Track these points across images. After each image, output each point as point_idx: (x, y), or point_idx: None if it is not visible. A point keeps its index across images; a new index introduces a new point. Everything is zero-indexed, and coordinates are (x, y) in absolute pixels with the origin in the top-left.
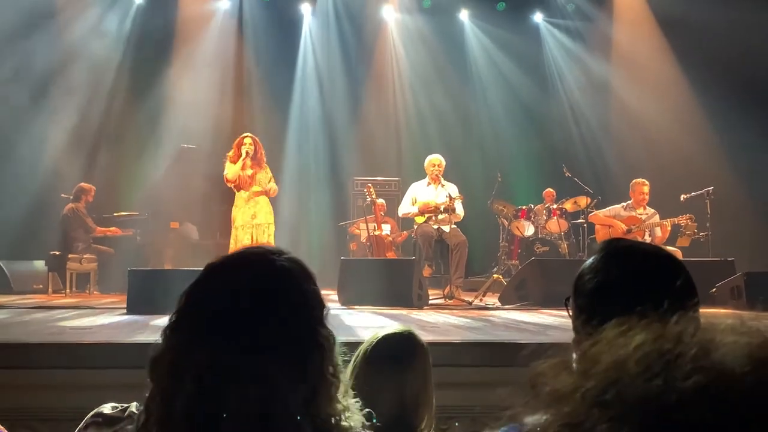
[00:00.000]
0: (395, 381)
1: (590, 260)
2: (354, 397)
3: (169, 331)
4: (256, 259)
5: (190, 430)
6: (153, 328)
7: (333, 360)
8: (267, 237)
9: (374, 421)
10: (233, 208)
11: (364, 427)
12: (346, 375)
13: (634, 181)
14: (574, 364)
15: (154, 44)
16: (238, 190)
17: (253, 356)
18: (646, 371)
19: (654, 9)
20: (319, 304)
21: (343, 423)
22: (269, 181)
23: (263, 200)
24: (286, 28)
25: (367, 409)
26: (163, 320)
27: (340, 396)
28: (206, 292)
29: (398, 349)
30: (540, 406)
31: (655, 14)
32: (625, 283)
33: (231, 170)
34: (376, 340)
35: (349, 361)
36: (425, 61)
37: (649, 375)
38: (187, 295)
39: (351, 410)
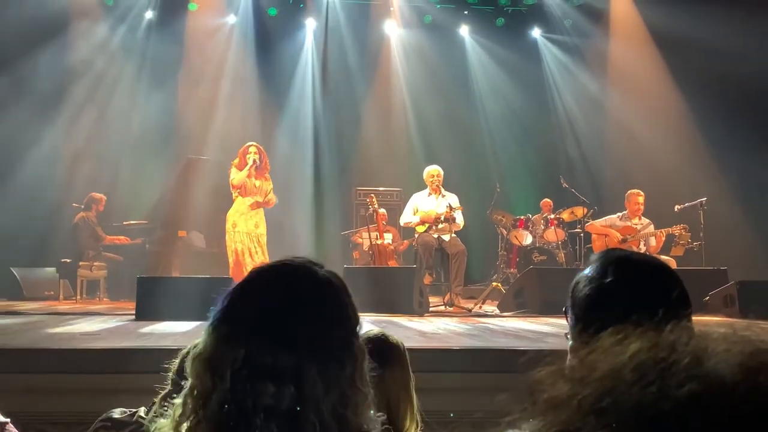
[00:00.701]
0: (378, 382)
1: (586, 270)
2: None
3: (212, 329)
4: (301, 268)
5: (222, 424)
6: (161, 334)
7: (363, 371)
8: (261, 246)
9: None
10: (233, 212)
11: None
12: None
13: (629, 191)
14: (570, 372)
15: (163, 57)
16: (243, 196)
17: (291, 357)
18: (641, 379)
19: (648, 24)
20: (355, 316)
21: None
22: (268, 193)
23: (261, 212)
24: (291, 42)
25: (382, 415)
26: (170, 325)
27: (366, 408)
28: (250, 295)
29: (377, 351)
30: (537, 412)
31: (649, 30)
32: (620, 292)
33: (238, 176)
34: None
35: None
36: (426, 74)
37: (643, 383)
38: (231, 296)
39: (375, 424)
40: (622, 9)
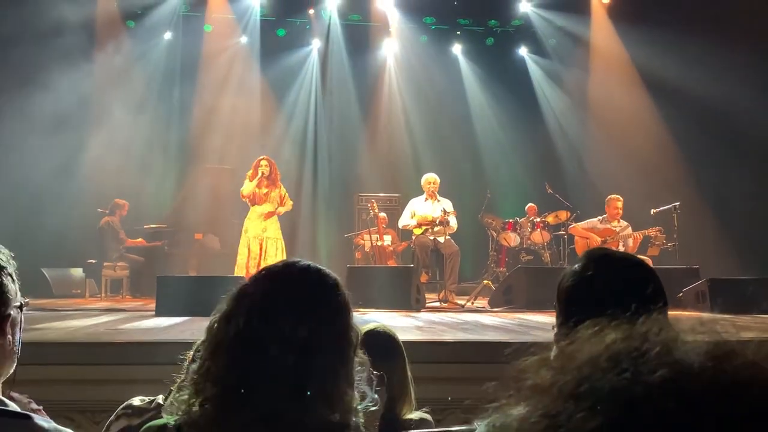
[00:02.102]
0: (380, 370)
1: (571, 268)
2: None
3: (223, 319)
4: (305, 268)
5: (224, 393)
6: (178, 328)
7: (355, 354)
8: (276, 250)
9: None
10: (246, 220)
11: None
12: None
13: (609, 197)
14: (552, 361)
15: (180, 75)
16: (253, 205)
17: (294, 334)
18: (615, 366)
19: (625, 42)
20: (349, 308)
21: (356, 408)
22: (283, 197)
23: (274, 217)
24: (298, 61)
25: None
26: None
27: (350, 387)
28: (260, 287)
29: (382, 343)
30: (522, 398)
31: (626, 47)
32: (599, 284)
33: (247, 187)
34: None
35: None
36: (422, 90)
37: (618, 370)
38: (241, 290)
39: (356, 402)
40: (600, 29)
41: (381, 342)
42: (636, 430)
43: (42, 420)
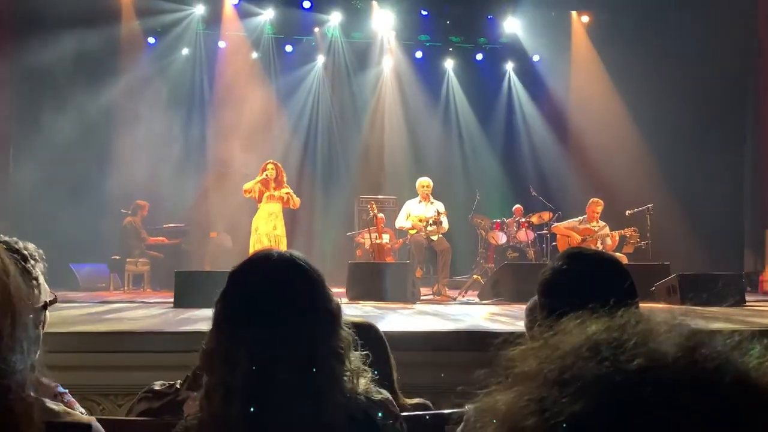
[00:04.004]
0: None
1: (553, 266)
2: None
3: (217, 327)
4: (281, 254)
5: (247, 402)
6: (195, 319)
7: (341, 326)
8: (279, 246)
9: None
10: (256, 218)
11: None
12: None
13: (590, 200)
14: (538, 350)
15: (196, 86)
16: (258, 203)
17: (294, 317)
18: (596, 356)
19: (602, 57)
20: (323, 280)
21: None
22: (288, 195)
23: (280, 217)
24: (304, 74)
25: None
26: (203, 312)
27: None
28: (248, 276)
29: (363, 334)
30: (510, 384)
31: (603, 62)
32: (571, 278)
33: (248, 183)
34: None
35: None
36: (417, 100)
37: (599, 359)
38: (231, 276)
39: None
40: (580, 46)
41: (362, 333)
42: (615, 414)
43: (53, 403)
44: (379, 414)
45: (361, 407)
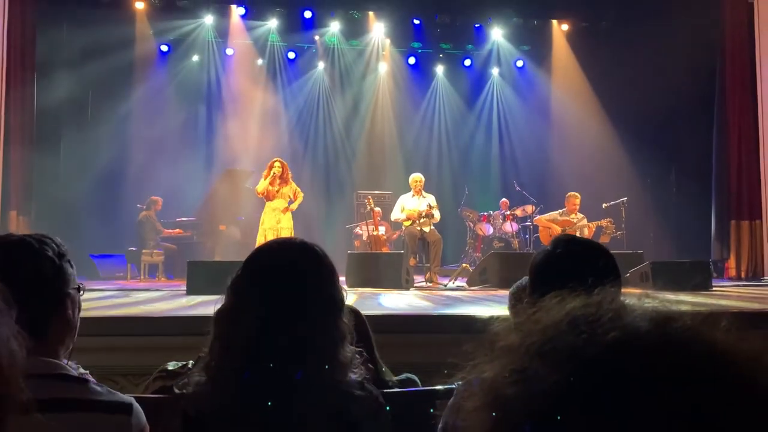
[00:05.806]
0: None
1: (546, 249)
2: None
3: (233, 288)
4: (298, 241)
5: (248, 357)
6: (206, 305)
7: (342, 316)
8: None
9: None
10: (262, 214)
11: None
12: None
13: (568, 194)
14: (520, 325)
15: (206, 90)
16: (267, 200)
17: (302, 293)
18: (574, 329)
19: (581, 62)
20: (335, 271)
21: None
22: (295, 192)
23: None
24: (306, 79)
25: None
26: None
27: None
28: (263, 259)
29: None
30: (495, 357)
31: (581, 67)
32: (565, 259)
33: (261, 185)
34: None
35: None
36: (410, 103)
37: (577, 332)
38: (248, 261)
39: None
40: (560, 51)
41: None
42: (591, 383)
43: (96, 384)
44: (359, 411)
45: (343, 399)
